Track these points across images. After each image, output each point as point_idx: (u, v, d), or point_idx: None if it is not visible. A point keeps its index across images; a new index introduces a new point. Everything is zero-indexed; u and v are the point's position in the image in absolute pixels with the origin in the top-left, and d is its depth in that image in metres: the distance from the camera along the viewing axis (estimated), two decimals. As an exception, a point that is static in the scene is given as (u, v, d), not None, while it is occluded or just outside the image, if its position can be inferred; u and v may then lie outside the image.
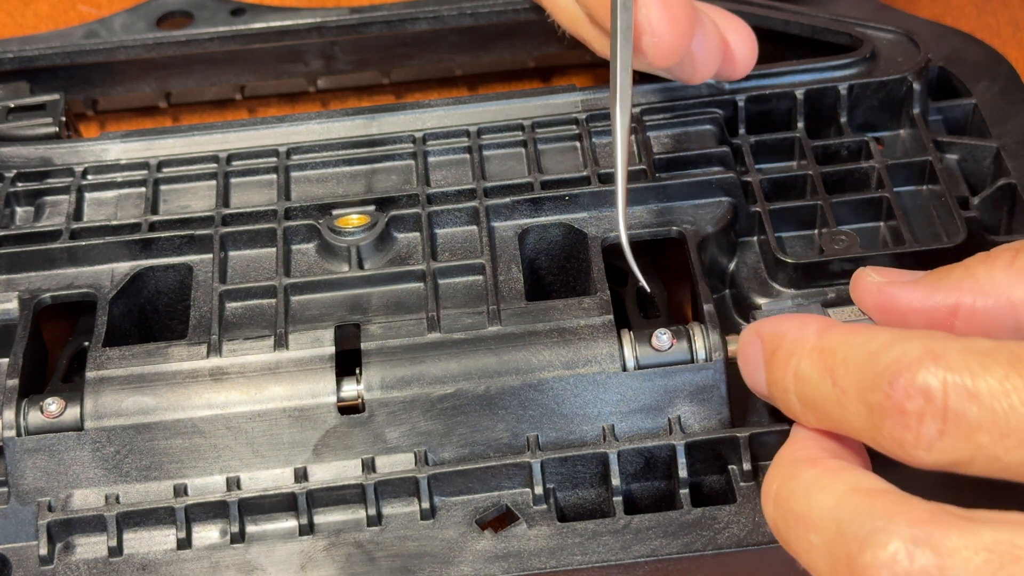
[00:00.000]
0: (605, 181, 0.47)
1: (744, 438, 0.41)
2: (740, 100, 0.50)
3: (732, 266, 0.47)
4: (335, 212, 0.47)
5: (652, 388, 0.42)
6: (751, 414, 0.44)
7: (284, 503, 0.41)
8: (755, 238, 0.48)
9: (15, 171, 0.50)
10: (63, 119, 0.53)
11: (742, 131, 0.50)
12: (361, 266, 0.46)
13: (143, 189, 0.49)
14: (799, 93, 0.50)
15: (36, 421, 0.42)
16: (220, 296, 0.45)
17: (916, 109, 0.50)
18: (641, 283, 0.43)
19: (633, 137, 0.49)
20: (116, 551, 0.41)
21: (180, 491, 0.42)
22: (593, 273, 0.45)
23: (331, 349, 0.43)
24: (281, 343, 0.43)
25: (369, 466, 0.42)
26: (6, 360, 0.45)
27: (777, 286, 0.46)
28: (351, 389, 0.43)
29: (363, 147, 0.50)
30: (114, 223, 0.48)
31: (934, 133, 0.50)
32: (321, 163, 0.49)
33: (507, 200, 0.47)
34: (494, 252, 0.46)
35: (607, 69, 0.43)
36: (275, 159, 0.50)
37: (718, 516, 0.40)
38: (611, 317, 0.43)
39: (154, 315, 0.48)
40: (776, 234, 0.47)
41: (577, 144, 0.49)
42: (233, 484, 0.42)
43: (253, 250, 0.47)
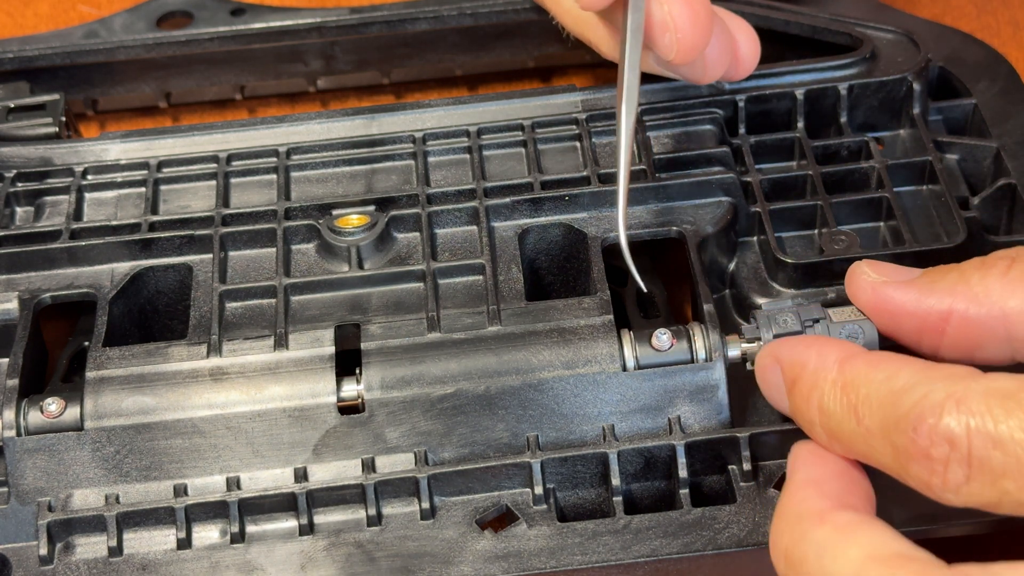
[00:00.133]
0: (605, 181, 0.47)
1: (744, 438, 0.41)
2: (740, 100, 0.50)
3: (732, 266, 0.47)
4: (335, 212, 0.47)
5: (652, 388, 0.42)
6: (751, 414, 0.44)
7: (284, 503, 0.41)
8: (755, 238, 0.48)
9: (15, 171, 0.50)
10: (63, 119, 0.53)
11: (742, 131, 0.50)
12: (361, 266, 0.46)
13: (143, 189, 0.49)
14: (799, 93, 0.50)
15: (36, 421, 0.42)
16: (220, 296, 0.45)
17: (916, 109, 0.50)
18: (639, 284, 0.43)
19: (635, 136, 0.49)
20: (116, 551, 0.41)
21: (180, 491, 0.42)
22: (593, 273, 0.45)
23: (331, 349, 0.43)
24: (281, 343, 0.43)
25: (369, 466, 0.42)
26: (6, 360, 0.45)
27: (777, 286, 0.46)
28: (351, 389, 0.43)
29: (363, 147, 0.50)
30: (114, 223, 0.48)
31: (934, 133, 0.50)
32: (321, 163, 0.49)
33: (507, 200, 0.47)
34: (494, 252, 0.46)
35: (607, 69, 0.43)
36: (275, 159, 0.50)
37: (718, 516, 0.40)
38: (611, 317, 0.43)
39: (154, 315, 0.48)
40: (776, 234, 0.47)
41: (577, 144, 0.49)
42: (233, 484, 0.42)
43: (253, 250, 0.47)
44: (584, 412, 0.42)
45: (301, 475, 0.42)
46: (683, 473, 0.41)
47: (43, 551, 0.41)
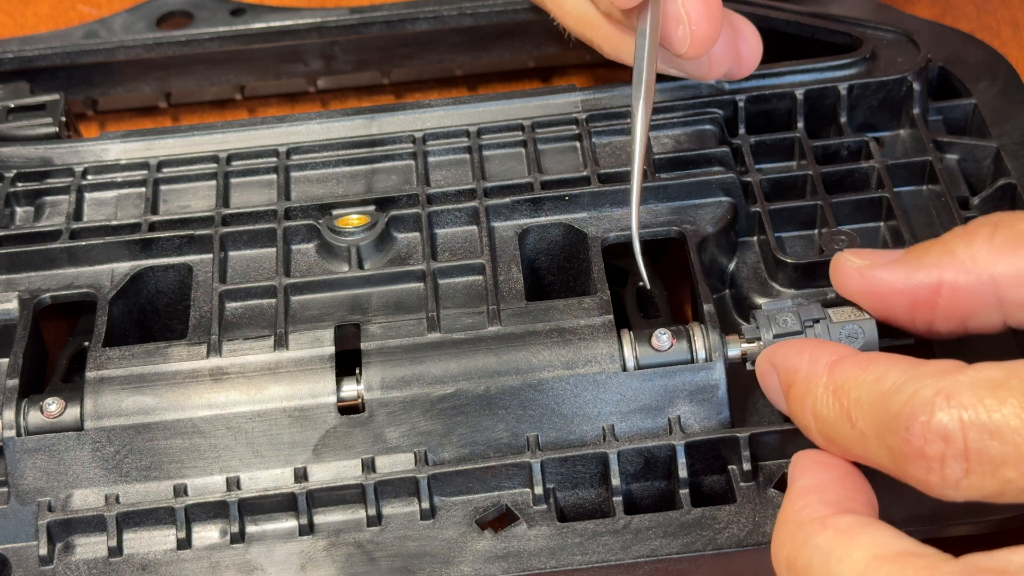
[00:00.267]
0: (605, 181, 0.47)
1: (744, 438, 0.41)
2: (740, 100, 0.50)
3: (732, 266, 0.47)
4: (335, 212, 0.47)
5: (652, 388, 0.42)
6: (751, 414, 0.44)
7: (284, 503, 0.41)
8: (755, 238, 0.48)
9: (15, 171, 0.50)
10: (63, 119, 0.53)
11: (742, 131, 0.50)
12: (361, 266, 0.46)
13: (143, 189, 0.49)
14: (799, 93, 0.50)
15: (36, 421, 0.42)
16: (220, 296, 0.45)
17: (916, 109, 0.50)
18: (644, 281, 0.43)
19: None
20: (116, 551, 0.41)
21: (180, 491, 0.42)
22: (593, 273, 0.45)
23: (331, 349, 0.43)
24: (281, 343, 0.43)
25: (369, 466, 0.42)
26: (6, 360, 0.45)
27: (777, 286, 0.46)
28: (351, 389, 0.43)
29: (363, 147, 0.50)
30: (114, 223, 0.48)
31: (934, 133, 0.50)
32: (321, 163, 0.49)
33: (507, 200, 0.47)
34: (494, 252, 0.46)
35: (607, 69, 0.43)
36: (275, 159, 0.50)
37: (718, 516, 0.40)
38: (611, 317, 0.43)
39: (154, 315, 0.48)
40: (776, 234, 0.47)
41: (577, 144, 0.49)
42: (233, 484, 0.42)
43: (253, 250, 0.47)
44: (584, 412, 0.42)
45: (301, 475, 0.42)
46: (683, 473, 0.41)
47: (43, 551, 0.41)
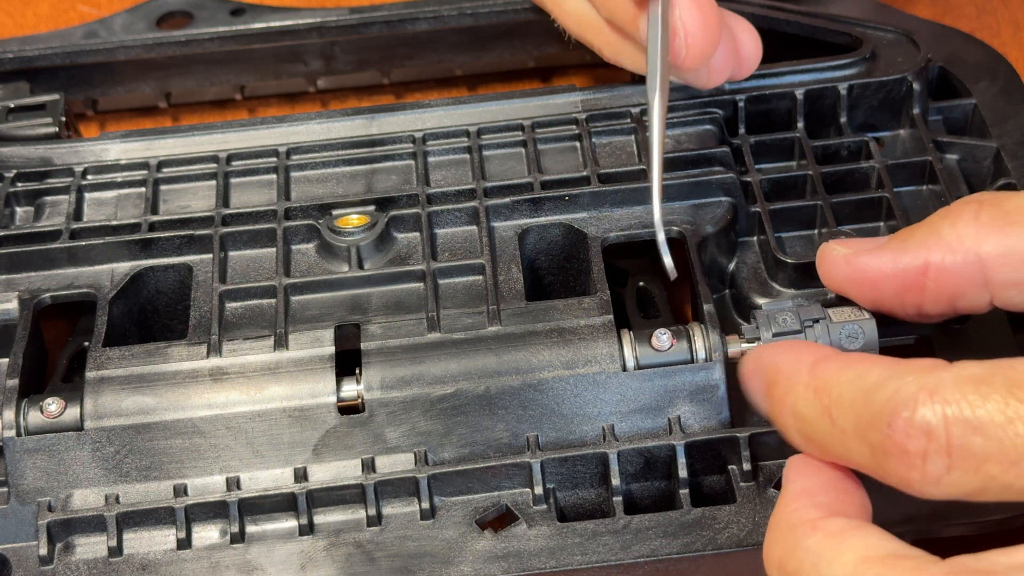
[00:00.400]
0: (605, 181, 0.47)
1: (744, 438, 0.41)
2: (740, 100, 0.50)
3: (732, 266, 0.47)
4: (335, 212, 0.47)
5: (652, 388, 0.42)
6: (751, 414, 0.43)
7: (284, 503, 0.41)
8: (755, 238, 0.48)
9: (15, 171, 0.50)
10: (63, 119, 0.53)
11: (742, 131, 0.50)
12: (361, 266, 0.46)
13: (143, 189, 0.49)
14: (799, 93, 0.50)
15: (36, 421, 0.42)
16: (220, 296, 0.45)
17: (916, 109, 0.50)
18: (670, 272, 0.43)
19: (635, 136, 0.49)
20: (116, 551, 0.41)
21: (180, 491, 0.42)
22: (593, 273, 0.45)
23: (331, 349, 0.43)
24: (281, 343, 0.43)
25: (369, 466, 0.42)
26: (6, 360, 0.45)
27: (777, 286, 0.46)
28: (351, 389, 0.43)
29: (363, 147, 0.50)
30: (114, 223, 0.48)
31: (934, 133, 0.50)
32: (321, 163, 0.49)
33: (507, 200, 0.47)
34: (494, 252, 0.46)
35: (607, 69, 0.43)
36: (275, 159, 0.50)
37: (718, 516, 0.40)
38: (611, 317, 0.43)
39: (154, 315, 0.48)
40: (776, 234, 0.47)
41: (577, 144, 0.49)
42: (233, 484, 0.42)
43: (253, 250, 0.47)
44: (584, 412, 0.42)
45: (301, 475, 0.42)
46: (683, 473, 0.41)
47: (43, 551, 0.41)
